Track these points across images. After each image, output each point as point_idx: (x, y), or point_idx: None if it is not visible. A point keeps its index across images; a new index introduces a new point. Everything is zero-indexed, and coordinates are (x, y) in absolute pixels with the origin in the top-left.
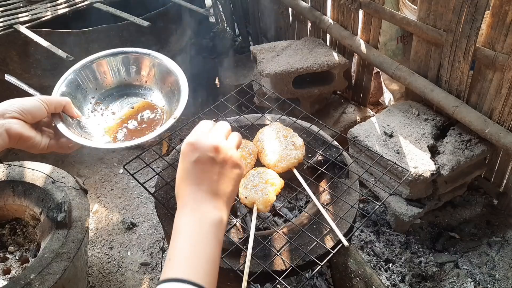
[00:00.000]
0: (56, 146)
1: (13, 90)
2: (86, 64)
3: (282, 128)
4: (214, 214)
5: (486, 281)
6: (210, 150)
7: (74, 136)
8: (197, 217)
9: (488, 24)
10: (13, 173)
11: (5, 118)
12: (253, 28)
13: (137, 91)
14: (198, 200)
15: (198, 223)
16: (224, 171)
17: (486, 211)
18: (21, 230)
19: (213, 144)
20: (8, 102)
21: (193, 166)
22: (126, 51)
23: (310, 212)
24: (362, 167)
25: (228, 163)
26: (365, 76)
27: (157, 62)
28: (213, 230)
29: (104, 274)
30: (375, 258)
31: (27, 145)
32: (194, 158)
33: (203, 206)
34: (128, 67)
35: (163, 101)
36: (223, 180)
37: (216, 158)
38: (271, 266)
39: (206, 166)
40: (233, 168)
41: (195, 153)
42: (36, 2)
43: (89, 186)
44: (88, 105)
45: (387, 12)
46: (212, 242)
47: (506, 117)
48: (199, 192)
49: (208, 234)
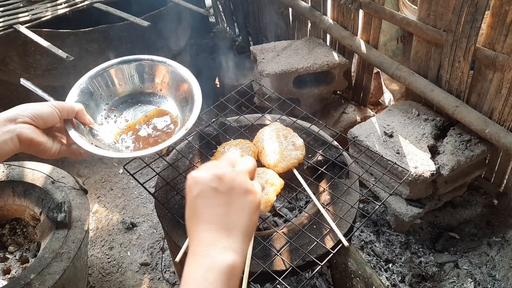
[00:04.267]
0: (67, 152)
1: (13, 90)
2: (101, 70)
3: (282, 128)
4: (225, 258)
5: (486, 281)
6: (212, 180)
7: (85, 143)
8: (205, 265)
9: (488, 24)
10: (13, 173)
11: (17, 122)
12: (253, 28)
13: (152, 99)
14: (206, 242)
15: (205, 271)
16: (232, 201)
17: (486, 211)
18: (21, 230)
19: (215, 173)
20: (21, 106)
21: (196, 201)
22: (141, 58)
23: (310, 212)
24: (362, 167)
25: (235, 190)
26: (365, 76)
27: (171, 70)
28: (223, 279)
29: (104, 274)
30: (375, 258)
31: (38, 150)
32: (196, 192)
33: (212, 250)
34: (143, 75)
35: (176, 109)
36: (232, 212)
37: (219, 188)
38: (271, 266)
39: (209, 199)
40: (243, 196)
41: (197, 186)
42: (36, 2)
43: (89, 186)
44: (101, 112)
45: (387, 12)
46: None
47: (506, 117)
48: (207, 232)
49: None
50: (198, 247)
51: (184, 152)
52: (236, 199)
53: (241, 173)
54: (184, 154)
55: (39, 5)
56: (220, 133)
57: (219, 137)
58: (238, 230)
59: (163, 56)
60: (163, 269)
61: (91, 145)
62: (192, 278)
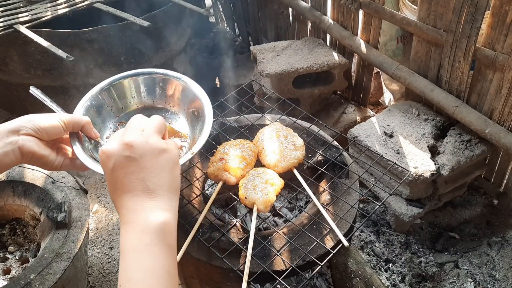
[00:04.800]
0: (71, 165)
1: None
2: (113, 81)
3: (282, 128)
4: (155, 217)
5: (486, 281)
6: (123, 149)
7: (88, 160)
8: (138, 229)
9: (488, 24)
10: (13, 173)
11: (20, 134)
12: (253, 28)
13: (163, 114)
14: (134, 209)
15: (139, 235)
16: (148, 164)
17: (486, 211)
18: (21, 230)
19: (124, 142)
20: (26, 118)
21: (114, 174)
22: (155, 72)
23: (310, 212)
24: (362, 167)
25: (148, 153)
26: (365, 76)
27: (184, 87)
28: (159, 237)
29: (104, 274)
30: (375, 258)
31: (40, 163)
32: (112, 165)
33: (141, 214)
34: (155, 89)
35: (187, 128)
36: (152, 174)
37: (132, 155)
38: (271, 266)
39: (126, 169)
40: (158, 156)
41: (111, 159)
42: (36, 2)
43: (89, 186)
44: (111, 125)
45: (387, 12)
46: (160, 251)
47: (506, 117)
48: (132, 200)
49: (153, 244)
50: (127, 215)
51: None
52: (151, 160)
53: (150, 135)
54: None
55: (39, 5)
56: (220, 133)
57: (219, 137)
58: (161, 189)
59: (163, 56)
60: None
61: (94, 162)
62: (129, 244)
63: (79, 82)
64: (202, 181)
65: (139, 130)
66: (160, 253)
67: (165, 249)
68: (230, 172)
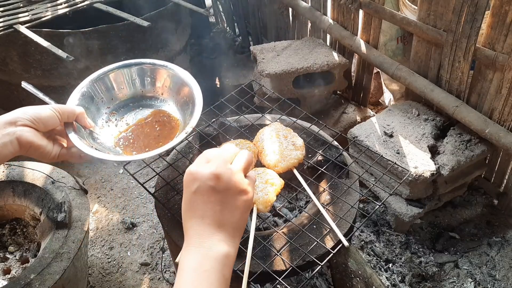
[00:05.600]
0: (68, 155)
1: (13, 90)
2: (102, 74)
3: (282, 128)
4: (219, 248)
5: (486, 281)
6: (210, 179)
7: (85, 147)
8: (201, 254)
9: (488, 24)
10: (13, 173)
11: (17, 125)
12: (253, 28)
13: (153, 103)
14: (202, 235)
15: (201, 259)
16: (227, 199)
17: (486, 211)
18: (21, 230)
19: (213, 172)
20: (22, 109)
21: (194, 197)
22: (143, 62)
23: (310, 212)
24: (362, 167)
25: (231, 190)
26: (365, 76)
27: (172, 74)
28: (218, 267)
29: (104, 274)
30: (375, 258)
31: (38, 153)
32: (194, 189)
33: (207, 241)
34: (144, 78)
35: (178, 113)
36: (227, 210)
37: (216, 187)
38: (271, 266)
39: (206, 197)
40: (238, 195)
41: (195, 183)
42: (36, 2)
43: (89, 186)
44: (102, 115)
45: (387, 12)
46: (217, 280)
47: (506, 117)
48: (202, 226)
49: (213, 271)
50: (193, 239)
51: (184, 152)
52: (231, 198)
53: (237, 172)
54: (184, 154)
55: (39, 5)
56: (220, 133)
57: (219, 137)
58: (230, 226)
59: (163, 56)
60: (163, 269)
61: (91, 148)
62: (189, 265)
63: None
64: None
65: (228, 163)
66: (216, 281)
67: (221, 280)
68: None
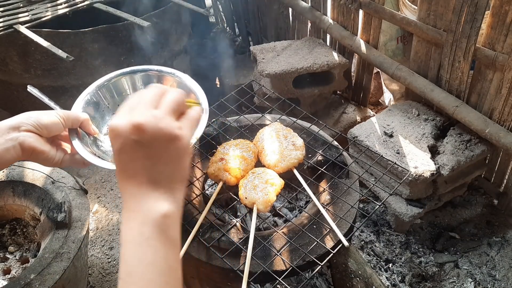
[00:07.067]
0: (71, 161)
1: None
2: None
3: (282, 128)
4: (158, 209)
5: (486, 281)
6: (132, 132)
7: (88, 154)
8: (139, 220)
9: (488, 24)
10: (13, 173)
11: (20, 131)
12: (253, 28)
13: None
14: (136, 196)
15: (140, 227)
16: (157, 152)
17: (486, 211)
18: (21, 230)
19: (133, 124)
20: (25, 114)
21: (120, 156)
22: (149, 69)
23: (310, 212)
24: (362, 167)
25: (159, 140)
26: (365, 76)
27: (178, 82)
28: (160, 230)
29: (104, 274)
30: (375, 258)
31: (41, 159)
32: (118, 147)
33: (143, 203)
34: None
35: None
36: (159, 163)
37: (141, 140)
38: (271, 266)
39: (133, 153)
40: (168, 144)
41: (118, 139)
42: (36, 2)
43: (89, 186)
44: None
45: (387, 12)
46: (162, 245)
47: (506, 117)
48: (135, 186)
49: (155, 237)
50: (129, 203)
51: None
52: (161, 149)
53: (164, 116)
54: None
55: (39, 5)
56: (220, 133)
57: (219, 137)
58: (166, 181)
59: (163, 56)
60: None
61: (94, 156)
62: (130, 235)
63: (79, 82)
64: (202, 181)
65: (152, 107)
66: (161, 247)
67: (166, 243)
68: (230, 172)
